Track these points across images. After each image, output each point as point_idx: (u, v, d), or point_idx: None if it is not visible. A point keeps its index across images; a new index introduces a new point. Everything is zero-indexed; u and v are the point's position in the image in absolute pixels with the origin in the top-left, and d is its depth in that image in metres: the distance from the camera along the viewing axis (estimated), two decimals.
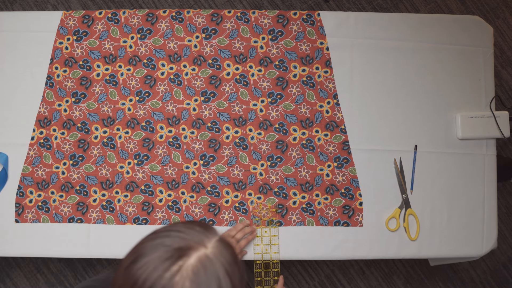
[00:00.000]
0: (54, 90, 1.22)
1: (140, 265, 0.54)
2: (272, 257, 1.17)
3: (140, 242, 0.58)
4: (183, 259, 0.54)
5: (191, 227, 0.59)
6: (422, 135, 1.23)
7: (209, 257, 0.55)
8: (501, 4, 1.99)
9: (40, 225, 1.18)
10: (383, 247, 1.19)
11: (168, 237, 0.57)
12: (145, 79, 1.22)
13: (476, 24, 1.27)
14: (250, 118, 1.22)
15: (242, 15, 1.24)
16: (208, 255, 0.56)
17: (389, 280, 1.84)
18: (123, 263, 0.57)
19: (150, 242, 0.57)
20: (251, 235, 1.16)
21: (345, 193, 1.21)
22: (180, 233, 0.57)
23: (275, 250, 1.18)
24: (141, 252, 0.56)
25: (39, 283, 1.77)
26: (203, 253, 0.55)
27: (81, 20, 1.24)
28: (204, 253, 0.55)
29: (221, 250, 0.58)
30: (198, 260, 0.54)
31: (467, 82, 1.26)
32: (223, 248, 0.58)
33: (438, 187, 1.22)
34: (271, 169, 1.21)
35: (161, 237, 0.57)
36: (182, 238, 0.57)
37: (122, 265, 0.57)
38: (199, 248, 0.56)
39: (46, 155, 1.20)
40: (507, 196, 1.92)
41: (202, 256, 0.55)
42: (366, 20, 1.25)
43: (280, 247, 1.18)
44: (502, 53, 1.97)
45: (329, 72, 1.24)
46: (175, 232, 0.58)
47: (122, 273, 0.56)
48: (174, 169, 1.20)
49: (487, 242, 1.22)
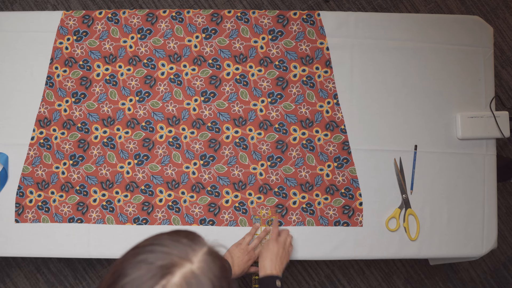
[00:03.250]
0: (54, 90, 1.22)
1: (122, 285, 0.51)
2: None
3: (122, 259, 0.55)
4: (166, 278, 0.51)
5: (176, 239, 0.56)
6: (422, 135, 1.23)
7: (194, 273, 0.52)
8: (501, 4, 1.99)
9: (40, 225, 1.18)
10: (383, 247, 1.19)
11: (151, 252, 0.54)
12: (145, 79, 1.22)
13: (476, 24, 1.27)
14: (250, 118, 1.22)
15: (242, 15, 1.24)
16: (194, 271, 0.52)
17: (389, 280, 1.84)
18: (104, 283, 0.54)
19: (132, 259, 0.54)
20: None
21: (345, 193, 1.21)
22: (164, 247, 0.54)
23: None
24: (122, 272, 0.53)
25: (39, 283, 1.77)
26: (189, 269, 0.52)
27: (81, 20, 1.24)
28: (189, 269, 0.52)
29: (208, 264, 0.54)
30: (183, 277, 0.51)
31: (467, 82, 1.26)
32: (211, 261, 0.55)
33: (438, 187, 1.22)
34: (271, 169, 1.21)
35: (143, 252, 0.54)
36: (166, 253, 0.53)
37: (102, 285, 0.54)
38: (184, 264, 0.53)
39: (46, 155, 1.20)
40: (507, 196, 1.92)
41: (187, 273, 0.52)
42: (366, 20, 1.25)
43: None
44: (502, 53, 1.97)
45: (329, 72, 1.24)
46: (159, 246, 0.54)
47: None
48: (174, 169, 1.20)
49: (487, 242, 1.22)
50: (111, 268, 0.55)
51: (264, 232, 1.16)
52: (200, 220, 1.19)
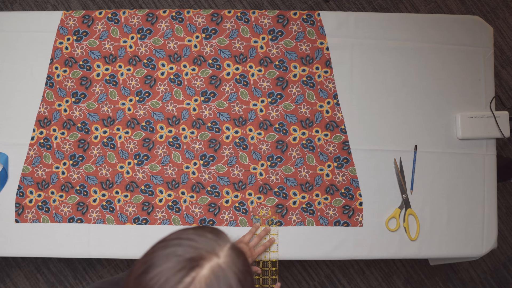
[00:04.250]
0: (54, 90, 1.22)
1: (152, 276, 0.53)
2: (270, 256, 1.17)
3: (151, 250, 0.57)
4: (196, 270, 0.52)
5: (202, 234, 0.58)
6: (422, 135, 1.23)
7: (221, 267, 0.54)
8: (501, 4, 1.99)
9: (40, 225, 1.18)
10: (383, 247, 1.19)
11: (179, 246, 0.55)
12: (145, 79, 1.22)
13: (476, 24, 1.27)
14: (250, 118, 1.22)
15: (242, 15, 1.24)
16: (220, 265, 0.54)
17: (389, 280, 1.84)
18: (133, 272, 0.56)
19: (161, 251, 0.55)
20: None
21: (345, 193, 1.21)
22: (192, 242, 0.56)
23: (273, 249, 1.18)
24: (152, 262, 0.54)
25: (39, 283, 1.77)
26: (216, 263, 0.54)
27: (81, 20, 1.24)
28: (216, 262, 0.54)
29: (233, 258, 0.56)
30: (211, 270, 0.53)
31: (467, 82, 1.26)
32: (236, 256, 0.57)
33: (438, 187, 1.22)
34: (271, 169, 1.21)
35: (172, 245, 0.56)
36: (194, 247, 0.55)
37: (132, 274, 0.56)
38: (211, 258, 0.54)
39: (46, 155, 1.20)
40: (507, 196, 1.92)
41: (215, 266, 0.54)
42: (366, 20, 1.25)
43: (280, 247, 1.18)
44: (502, 53, 1.97)
45: (329, 72, 1.24)
46: (186, 240, 0.56)
47: (132, 282, 0.55)
48: (174, 169, 1.20)
49: (487, 242, 1.22)
50: (140, 259, 0.57)
51: (264, 232, 1.16)
52: (200, 220, 1.19)
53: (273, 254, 1.17)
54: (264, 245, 1.15)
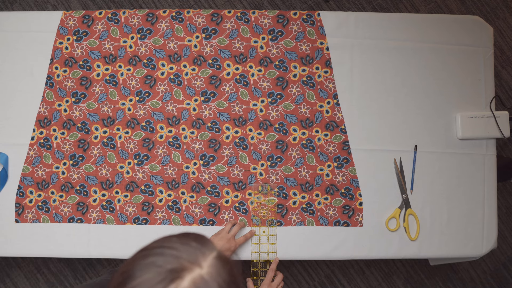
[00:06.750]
0: (54, 90, 1.22)
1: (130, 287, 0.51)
2: (269, 256, 1.17)
3: (131, 259, 0.54)
4: (176, 282, 0.50)
5: (186, 242, 0.55)
6: (422, 135, 1.23)
7: (204, 278, 0.52)
8: (501, 4, 1.99)
9: (40, 225, 1.18)
10: (383, 247, 1.19)
11: (161, 255, 0.53)
12: (145, 79, 1.22)
13: (476, 24, 1.27)
14: (250, 118, 1.22)
15: (242, 15, 1.24)
16: (203, 276, 0.52)
17: (389, 280, 1.84)
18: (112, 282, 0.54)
19: (141, 260, 0.53)
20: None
21: (345, 193, 1.21)
22: (174, 251, 0.53)
23: (272, 250, 1.18)
24: (131, 272, 0.52)
25: (39, 283, 1.77)
26: (198, 274, 0.52)
27: (81, 20, 1.24)
28: (198, 274, 0.52)
29: (218, 269, 0.54)
30: (192, 282, 0.51)
31: (467, 82, 1.26)
32: (220, 266, 0.55)
33: (438, 187, 1.22)
34: (271, 169, 1.21)
35: (153, 255, 0.53)
36: (176, 257, 0.53)
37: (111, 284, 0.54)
38: (193, 269, 0.52)
39: (46, 155, 1.20)
40: (507, 196, 1.92)
41: (197, 278, 0.52)
42: (366, 20, 1.25)
43: (280, 247, 1.18)
44: (502, 53, 1.97)
45: (329, 72, 1.24)
46: (169, 249, 0.54)
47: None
48: (174, 169, 1.20)
49: (487, 242, 1.22)
50: (120, 268, 0.55)
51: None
52: (200, 220, 1.19)
53: (272, 254, 1.17)
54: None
